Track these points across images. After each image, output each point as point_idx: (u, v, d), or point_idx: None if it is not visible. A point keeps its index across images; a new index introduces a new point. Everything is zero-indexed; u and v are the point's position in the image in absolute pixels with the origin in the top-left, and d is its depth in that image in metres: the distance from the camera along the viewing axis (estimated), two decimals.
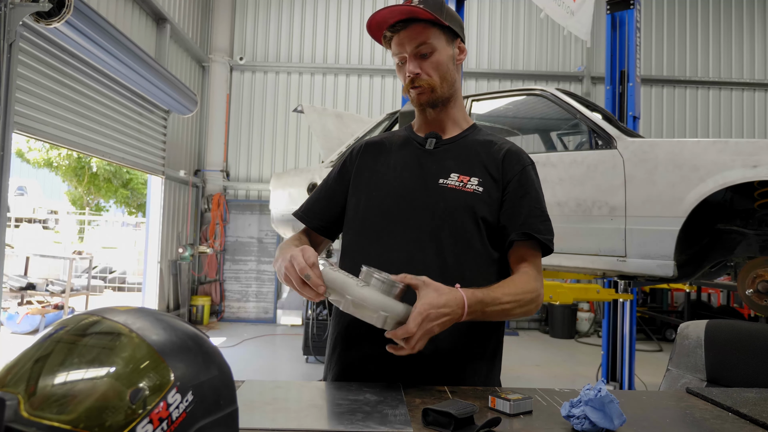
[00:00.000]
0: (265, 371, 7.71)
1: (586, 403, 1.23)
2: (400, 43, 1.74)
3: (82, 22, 5.95)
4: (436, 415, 1.24)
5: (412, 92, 1.79)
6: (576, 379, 7.67)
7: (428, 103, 1.80)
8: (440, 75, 1.76)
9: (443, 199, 1.73)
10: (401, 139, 1.93)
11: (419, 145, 1.87)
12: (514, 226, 1.73)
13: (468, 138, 1.88)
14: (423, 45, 1.72)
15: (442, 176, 1.77)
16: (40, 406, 0.73)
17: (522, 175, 1.79)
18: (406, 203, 1.75)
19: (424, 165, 1.81)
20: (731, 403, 1.46)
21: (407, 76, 1.75)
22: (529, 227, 1.73)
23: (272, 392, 1.50)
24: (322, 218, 1.93)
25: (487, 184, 1.76)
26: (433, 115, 1.85)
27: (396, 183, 1.80)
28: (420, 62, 1.74)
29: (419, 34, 1.72)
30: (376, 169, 1.86)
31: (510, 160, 1.81)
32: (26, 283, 10.44)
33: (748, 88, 12.36)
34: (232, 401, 0.94)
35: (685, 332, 2.08)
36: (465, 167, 1.79)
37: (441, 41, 1.75)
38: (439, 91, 1.78)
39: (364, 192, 1.84)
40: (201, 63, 11.89)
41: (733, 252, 4.35)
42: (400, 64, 1.78)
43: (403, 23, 1.72)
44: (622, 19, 6.13)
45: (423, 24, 1.72)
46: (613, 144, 4.42)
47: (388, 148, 1.91)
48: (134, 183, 25.19)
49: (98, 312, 0.89)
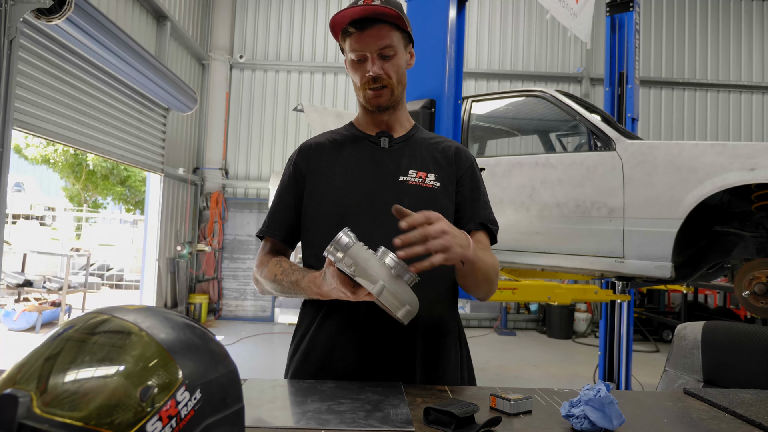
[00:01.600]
0: (263, 370, 7.71)
1: (586, 402, 1.24)
2: (364, 41, 1.71)
3: (82, 19, 5.95)
4: (437, 414, 1.25)
5: (369, 93, 1.77)
6: (573, 379, 7.68)
7: (386, 105, 1.80)
8: (398, 78, 1.77)
9: (406, 196, 1.74)
10: (348, 138, 1.90)
11: (372, 143, 1.86)
12: (471, 217, 1.82)
13: (416, 136, 1.91)
14: (387, 47, 1.72)
15: (401, 174, 1.79)
16: (51, 403, 0.74)
17: (472, 171, 1.89)
18: (368, 202, 1.75)
19: (381, 163, 1.81)
20: (728, 403, 1.47)
21: (368, 75, 1.73)
22: (485, 218, 1.83)
23: (273, 391, 1.52)
24: (286, 228, 1.87)
25: (443, 179, 1.82)
26: (384, 117, 1.85)
27: (356, 182, 1.79)
28: (382, 63, 1.73)
29: (385, 35, 1.71)
30: (330, 170, 1.83)
31: (460, 157, 1.90)
32: (23, 279, 10.40)
33: (747, 90, 12.39)
34: (238, 399, 0.95)
35: (682, 333, 2.10)
36: (420, 164, 1.83)
37: (401, 45, 1.77)
38: (396, 93, 1.79)
39: (323, 194, 1.80)
40: (201, 61, 11.89)
41: (731, 254, 4.37)
42: (357, 62, 1.75)
43: (370, 22, 1.70)
44: (622, 21, 6.14)
45: (388, 26, 1.72)
46: (612, 146, 4.44)
47: (336, 147, 1.89)
48: (132, 180, 25.15)
49: (107, 311, 0.90)
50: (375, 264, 1.36)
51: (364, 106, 1.85)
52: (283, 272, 1.72)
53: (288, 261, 1.80)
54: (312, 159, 1.87)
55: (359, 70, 1.76)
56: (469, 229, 1.78)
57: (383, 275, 1.34)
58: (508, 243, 4.95)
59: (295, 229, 1.87)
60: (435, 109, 4.23)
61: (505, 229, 5.01)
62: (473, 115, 5.69)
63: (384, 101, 1.78)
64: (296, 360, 1.78)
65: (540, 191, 4.77)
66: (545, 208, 4.73)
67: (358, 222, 1.70)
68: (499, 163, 5.12)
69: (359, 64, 1.75)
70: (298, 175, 1.87)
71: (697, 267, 4.53)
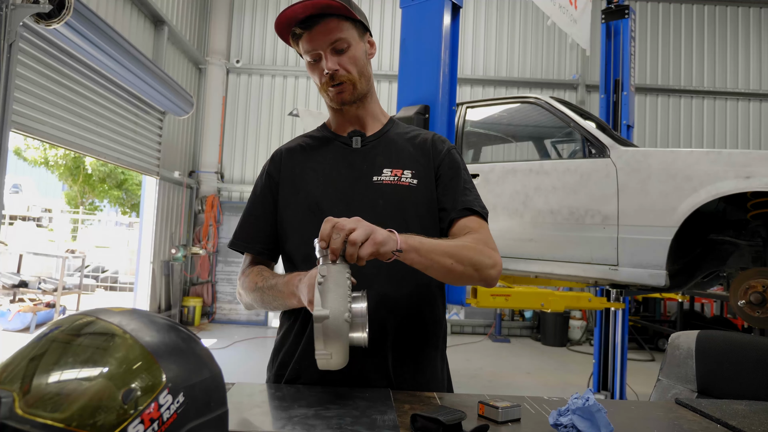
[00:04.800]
0: (256, 374, 7.66)
1: (574, 411, 1.23)
2: (313, 39, 1.66)
3: (81, 23, 5.96)
4: (424, 421, 1.24)
5: (331, 91, 1.72)
6: (567, 387, 7.67)
7: (350, 101, 1.74)
8: (358, 70, 1.71)
9: (381, 197, 1.70)
10: (320, 140, 1.85)
11: (344, 144, 1.81)
12: (453, 206, 1.73)
13: (391, 132, 1.85)
14: (338, 41, 1.65)
15: (375, 173, 1.73)
16: (34, 404, 0.74)
17: (450, 158, 1.81)
18: (344, 205, 1.68)
19: (354, 164, 1.76)
20: (720, 414, 1.44)
21: (325, 74, 1.67)
22: (466, 204, 1.73)
23: (261, 395, 1.51)
24: (263, 240, 1.80)
25: (420, 174, 1.75)
26: (353, 113, 1.80)
27: (329, 186, 1.73)
28: (337, 58, 1.67)
29: (334, 29, 1.65)
30: (302, 175, 1.77)
31: (436, 145, 1.83)
32: (19, 280, 10.39)
33: (743, 98, 12.42)
34: (222, 403, 0.95)
35: (676, 342, 2.07)
36: (396, 161, 1.77)
37: (354, 36, 1.70)
38: (359, 86, 1.73)
39: (296, 200, 1.75)
40: (197, 65, 11.90)
41: (726, 263, 4.37)
42: (313, 62, 1.70)
43: (315, 19, 1.64)
44: (617, 29, 6.18)
45: (336, 18, 1.65)
46: (606, 153, 4.45)
47: (308, 151, 1.83)
48: (128, 183, 25.16)
49: (93, 312, 0.90)
50: (340, 295, 1.27)
51: (330, 105, 1.81)
52: (263, 279, 1.66)
53: (270, 270, 1.74)
54: (284, 165, 1.83)
55: (316, 70, 1.71)
56: (452, 218, 1.71)
57: (336, 310, 1.25)
58: (502, 249, 4.90)
59: (270, 240, 1.80)
60: (429, 115, 4.23)
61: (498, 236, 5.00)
62: (468, 121, 5.70)
63: (347, 96, 1.73)
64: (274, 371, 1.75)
65: (534, 198, 4.77)
66: (539, 214, 4.73)
67: None
68: (493, 169, 5.12)
69: (315, 65, 1.70)
70: (272, 184, 1.82)
71: (692, 275, 4.52)
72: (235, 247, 1.82)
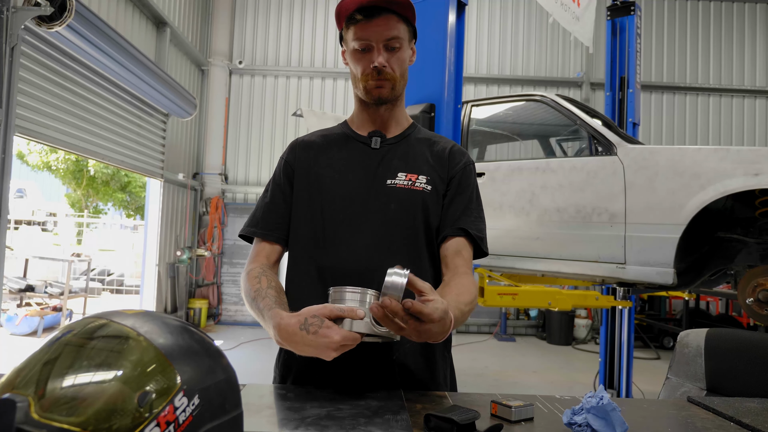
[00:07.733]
0: (263, 375, 7.68)
1: (588, 410, 1.23)
2: (370, 30, 1.64)
3: (83, 25, 5.97)
4: (438, 421, 1.23)
5: (371, 84, 1.70)
6: (573, 386, 7.65)
7: (386, 98, 1.73)
8: (401, 72, 1.72)
9: (393, 201, 1.69)
10: (339, 137, 1.84)
11: (362, 143, 1.80)
12: (450, 222, 1.72)
13: (411, 136, 1.84)
14: (394, 38, 1.65)
15: (390, 177, 1.72)
16: (49, 408, 0.74)
17: (463, 173, 1.79)
18: (355, 207, 1.68)
19: (369, 165, 1.75)
20: (733, 412, 1.44)
21: (373, 67, 1.66)
22: (464, 223, 1.71)
23: (272, 396, 1.50)
24: (281, 228, 1.78)
25: (434, 181, 1.74)
26: (380, 113, 1.78)
27: (342, 185, 1.72)
28: (388, 55, 1.67)
29: (393, 26, 1.65)
30: (318, 171, 1.76)
31: (454, 157, 1.81)
32: (25, 285, 10.43)
33: (749, 95, 12.38)
34: (237, 405, 0.94)
35: (685, 341, 2.07)
36: (412, 165, 1.75)
37: (406, 38, 1.71)
38: (397, 87, 1.73)
39: (310, 196, 1.74)
40: (200, 67, 11.91)
41: (734, 260, 4.35)
42: (361, 51, 1.68)
43: (379, 10, 1.64)
44: (623, 26, 6.16)
45: (396, 16, 1.66)
46: (613, 151, 4.43)
47: (325, 147, 1.82)
48: (132, 186, 25.21)
49: (105, 315, 0.89)
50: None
51: (362, 99, 1.78)
52: (257, 292, 1.59)
53: (269, 278, 1.66)
54: (301, 156, 1.82)
55: (362, 61, 1.69)
56: (446, 235, 1.71)
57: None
58: (508, 248, 4.94)
59: (288, 227, 1.78)
60: (435, 114, 4.22)
61: (504, 234, 5.01)
62: (473, 119, 5.69)
63: (386, 93, 1.71)
64: (279, 372, 1.76)
65: (540, 196, 4.76)
66: (545, 213, 4.71)
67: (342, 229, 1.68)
68: (499, 168, 5.11)
69: (362, 54, 1.69)
70: (289, 172, 1.81)
71: (700, 273, 4.50)
72: (256, 234, 1.79)
